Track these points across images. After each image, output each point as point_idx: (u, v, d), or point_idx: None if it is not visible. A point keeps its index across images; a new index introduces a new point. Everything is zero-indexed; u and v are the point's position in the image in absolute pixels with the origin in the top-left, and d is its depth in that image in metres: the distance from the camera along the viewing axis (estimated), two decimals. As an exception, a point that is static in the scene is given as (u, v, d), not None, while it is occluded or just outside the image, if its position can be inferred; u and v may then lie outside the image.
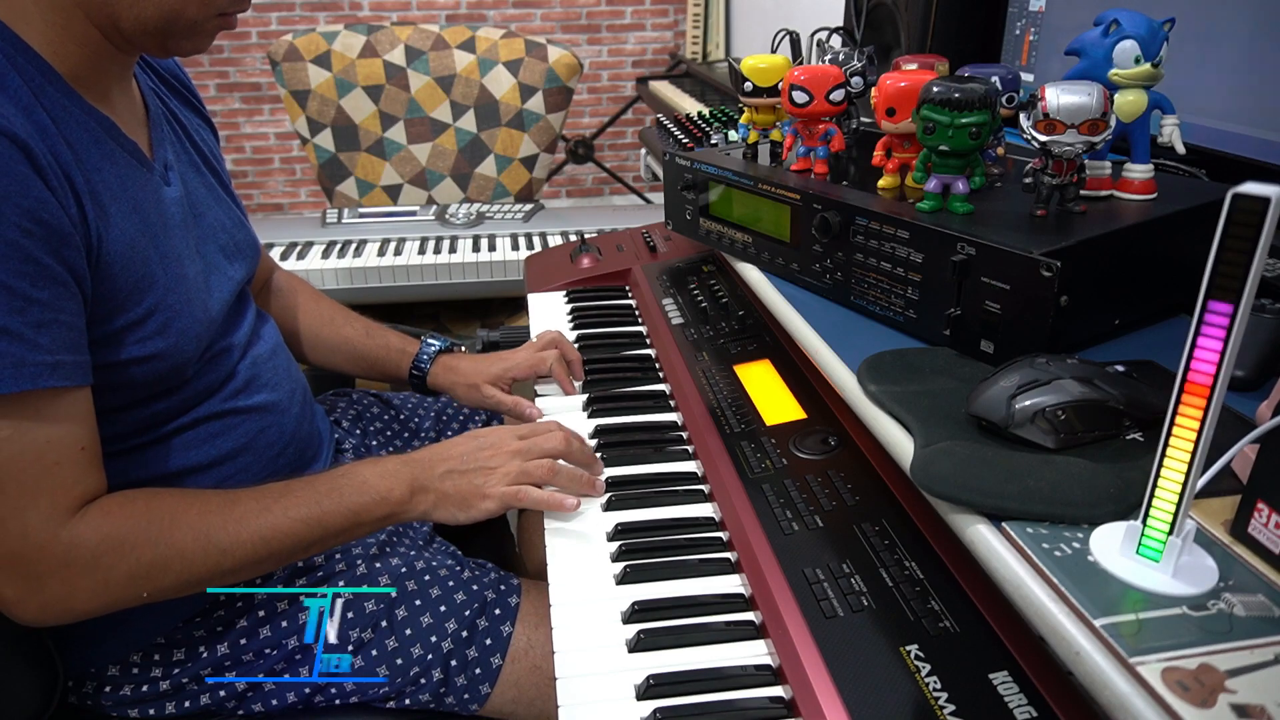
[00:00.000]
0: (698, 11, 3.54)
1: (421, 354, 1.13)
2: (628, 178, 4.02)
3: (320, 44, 2.20)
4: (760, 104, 1.02)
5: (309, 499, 0.78)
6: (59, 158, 0.68)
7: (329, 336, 1.15)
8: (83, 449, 0.70)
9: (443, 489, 0.82)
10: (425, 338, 1.15)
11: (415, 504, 0.81)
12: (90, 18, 0.72)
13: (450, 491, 0.81)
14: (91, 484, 0.71)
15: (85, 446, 0.70)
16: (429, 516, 0.82)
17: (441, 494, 0.81)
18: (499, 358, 1.12)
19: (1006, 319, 0.70)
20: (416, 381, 1.13)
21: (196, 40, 0.77)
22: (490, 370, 1.10)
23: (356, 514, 0.79)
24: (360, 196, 2.29)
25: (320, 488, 0.79)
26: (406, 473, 0.82)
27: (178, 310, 0.78)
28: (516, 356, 1.10)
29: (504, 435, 0.86)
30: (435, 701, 0.84)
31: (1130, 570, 0.48)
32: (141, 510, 0.72)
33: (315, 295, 1.18)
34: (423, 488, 0.82)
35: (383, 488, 0.80)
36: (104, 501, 0.71)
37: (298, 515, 0.76)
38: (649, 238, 1.40)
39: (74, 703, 0.85)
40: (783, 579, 0.67)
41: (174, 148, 0.87)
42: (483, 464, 0.83)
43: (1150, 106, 0.79)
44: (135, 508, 0.72)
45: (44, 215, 0.65)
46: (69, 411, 0.68)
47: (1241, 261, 0.39)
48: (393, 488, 0.80)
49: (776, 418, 0.88)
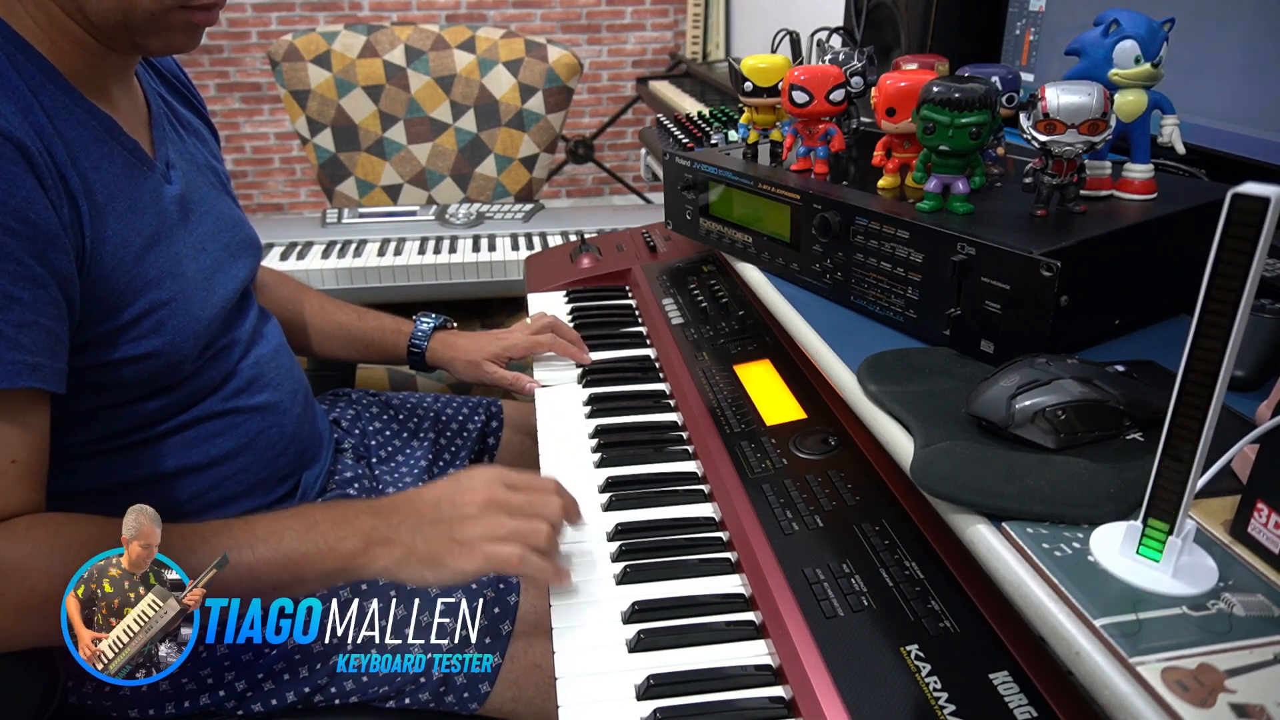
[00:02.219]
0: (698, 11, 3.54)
1: (417, 330, 1.14)
2: (628, 178, 4.02)
3: (320, 44, 2.20)
4: (760, 104, 1.02)
5: (244, 540, 0.68)
6: (54, 157, 0.68)
7: (322, 324, 1.15)
8: (13, 461, 0.65)
9: (410, 543, 0.69)
10: (419, 316, 1.17)
11: (373, 559, 0.69)
12: (66, 13, 0.71)
13: (419, 547, 0.69)
14: (13, 502, 0.65)
15: (17, 459, 0.65)
16: (392, 575, 0.69)
17: (408, 549, 0.69)
18: (496, 337, 1.13)
19: (1006, 319, 0.70)
20: (415, 358, 1.14)
21: (165, 37, 0.74)
22: (489, 348, 1.11)
23: (297, 565, 0.68)
24: (360, 196, 2.29)
25: (259, 529, 0.69)
26: (365, 522, 0.70)
27: (175, 309, 0.78)
28: (513, 337, 1.12)
29: (490, 479, 0.73)
30: (435, 701, 0.84)
31: (1130, 570, 0.48)
32: (46, 536, 0.65)
33: (301, 287, 1.19)
34: (383, 540, 0.69)
35: (332, 536, 0.69)
36: (16, 522, 0.65)
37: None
38: (649, 238, 1.40)
39: (74, 703, 0.84)
40: (783, 579, 0.67)
41: (175, 146, 0.87)
42: (461, 512, 0.70)
43: (1150, 106, 0.79)
44: (41, 532, 0.65)
45: (31, 215, 0.65)
46: (21, 418, 0.65)
47: (1241, 261, 0.39)
48: (344, 537, 0.69)
49: (776, 418, 0.88)
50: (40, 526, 0.66)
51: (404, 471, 1.11)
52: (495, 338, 1.13)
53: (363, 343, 1.16)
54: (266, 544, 0.68)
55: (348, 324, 1.16)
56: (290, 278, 1.19)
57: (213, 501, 0.87)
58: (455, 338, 1.15)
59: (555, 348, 1.11)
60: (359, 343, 1.16)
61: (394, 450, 1.15)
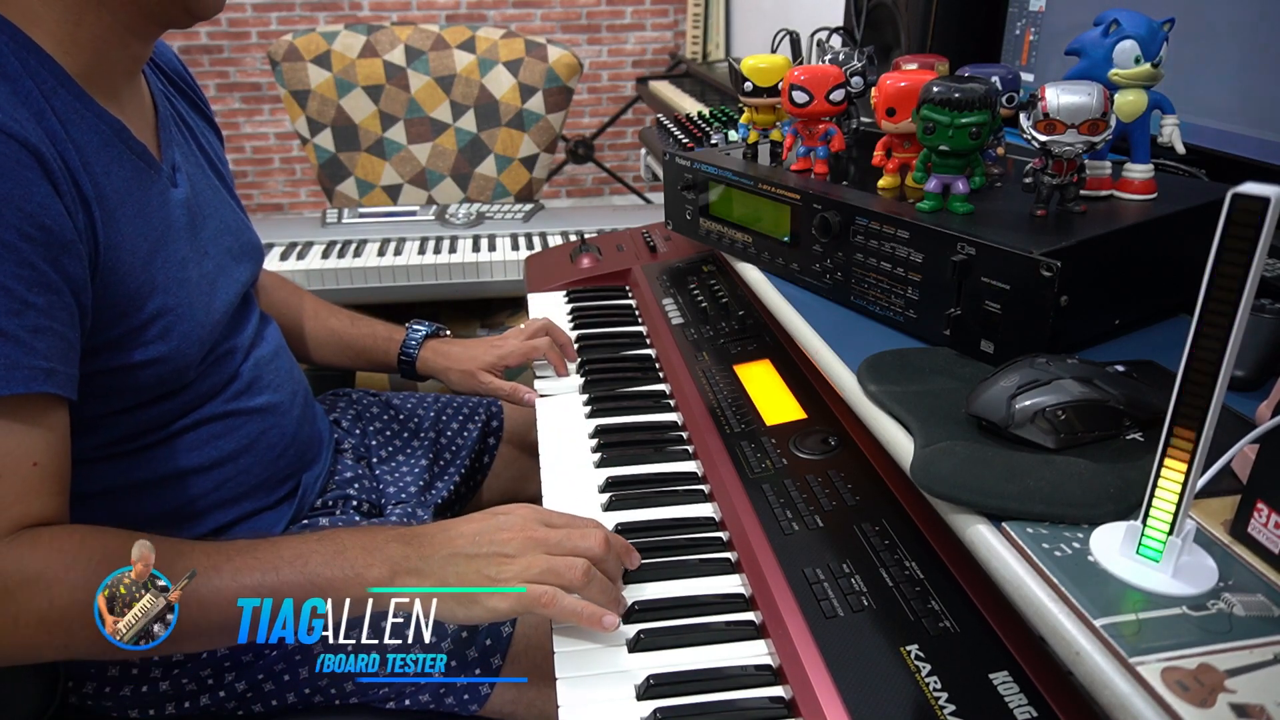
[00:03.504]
0: (698, 11, 3.54)
1: (409, 339, 1.13)
2: (628, 178, 4.02)
3: (320, 44, 2.20)
4: (760, 104, 1.02)
5: (269, 562, 0.67)
6: (68, 163, 0.68)
7: (316, 330, 1.15)
8: (34, 465, 0.64)
9: (440, 576, 0.67)
10: (411, 324, 1.15)
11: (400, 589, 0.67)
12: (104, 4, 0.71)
13: (451, 581, 0.66)
14: (35, 508, 0.65)
15: (38, 463, 0.65)
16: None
17: (439, 582, 0.66)
18: (491, 345, 1.12)
19: (1006, 319, 0.70)
20: (406, 367, 1.13)
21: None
22: (484, 358, 1.10)
23: (320, 590, 0.66)
24: (360, 196, 2.29)
25: (285, 552, 0.67)
26: (395, 550, 0.68)
27: (181, 314, 0.78)
28: (509, 345, 1.10)
29: (528, 517, 0.71)
30: (435, 701, 0.84)
31: (1130, 570, 0.48)
32: (71, 549, 0.64)
33: (298, 291, 1.18)
34: (413, 570, 0.67)
35: (360, 563, 0.67)
36: (41, 533, 0.64)
37: (249, 582, 0.65)
38: (649, 238, 1.40)
39: (74, 703, 0.84)
40: (783, 579, 0.67)
41: (181, 149, 0.87)
42: (498, 549, 0.67)
43: (1150, 106, 0.79)
44: (66, 545, 0.64)
45: (46, 221, 0.64)
46: (40, 423, 0.65)
47: (1241, 261, 0.39)
48: (371, 564, 0.67)
49: (776, 418, 0.88)
50: (66, 538, 0.65)
51: (404, 472, 1.11)
52: (490, 346, 1.12)
53: (354, 350, 1.15)
54: (292, 567, 0.67)
55: (340, 330, 1.15)
56: (288, 281, 1.19)
57: (215, 503, 0.87)
58: (448, 346, 1.13)
59: (550, 356, 1.09)
60: (351, 350, 1.15)
61: (394, 451, 1.15)
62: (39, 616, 0.63)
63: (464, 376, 1.10)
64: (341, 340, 1.15)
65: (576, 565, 0.66)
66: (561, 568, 0.66)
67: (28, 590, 0.62)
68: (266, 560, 0.67)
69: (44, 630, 0.63)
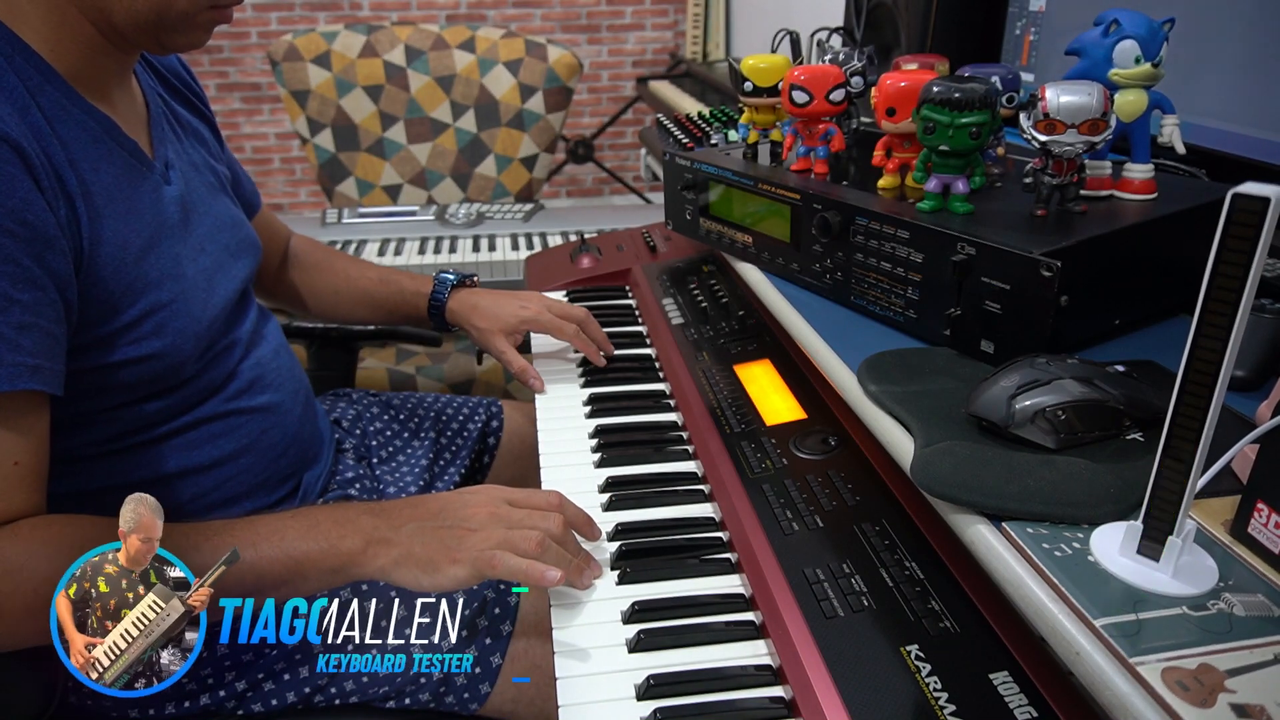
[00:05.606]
0: (698, 11, 3.54)
1: (437, 290, 1.13)
2: (628, 178, 4.02)
3: (320, 44, 2.20)
4: (760, 104, 1.01)
5: (247, 539, 0.68)
6: (52, 158, 0.68)
7: (351, 291, 1.17)
8: (15, 464, 0.65)
9: (408, 546, 0.70)
10: (439, 274, 1.15)
11: (371, 558, 0.70)
12: (84, 14, 0.71)
13: (417, 551, 0.69)
14: (16, 503, 0.66)
15: (19, 461, 0.65)
16: (387, 576, 0.70)
17: (405, 551, 0.69)
18: (521, 304, 1.08)
19: (1006, 319, 0.70)
20: (436, 316, 1.13)
21: (191, 34, 0.76)
22: (509, 319, 1.07)
23: (299, 563, 0.69)
24: (360, 196, 2.29)
25: (262, 528, 0.70)
26: (366, 521, 0.71)
27: (176, 310, 0.78)
28: (535, 308, 1.07)
29: (493, 496, 0.75)
30: (435, 701, 0.84)
31: (1130, 570, 0.48)
32: (51, 537, 0.65)
33: (330, 253, 1.20)
34: (383, 540, 0.70)
35: (334, 535, 0.70)
36: (20, 524, 0.66)
37: None
38: (649, 238, 1.40)
39: (74, 703, 0.84)
40: (783, 579, 0.67)
41: (174, 147, 0.87)
42: (461, 522, 0.71)
43: (1150, 106, 0.79)
44: (44, 533, 0.66)
45: (29, 217, 0.65)
46: (22, 420, 0.65)
47: (1241, 261, 0.39)
48: (345, 535, 0.70)
49: (776, 418, 0.88)
50: (44, 527, 0.66)
51: (405, 471, 1.11)
52: (519, 305, 1.08)
53: (386, 308, 1.16)
54: (269, 543, 0.69)
55: (371, 290, 1.16)
56: (320, 245, 1.21)
57: (215, 503, 0.87)
58: (475, 297, 1.12)
59: (575, 342, 1.07)
60: (383, 308, 1.16)
61: (395, 450, 1.15)
62: (25, 606, 0.63)
63: (482, 334, 1.09)
64: (374, 300, 1.16)
65: (531, 536, 0.69)
66: (517, 539, 0.69)
67: (10, 580, 0.63)
68: (244, 537, 0.68)
69: (30, 619, 0.63)
